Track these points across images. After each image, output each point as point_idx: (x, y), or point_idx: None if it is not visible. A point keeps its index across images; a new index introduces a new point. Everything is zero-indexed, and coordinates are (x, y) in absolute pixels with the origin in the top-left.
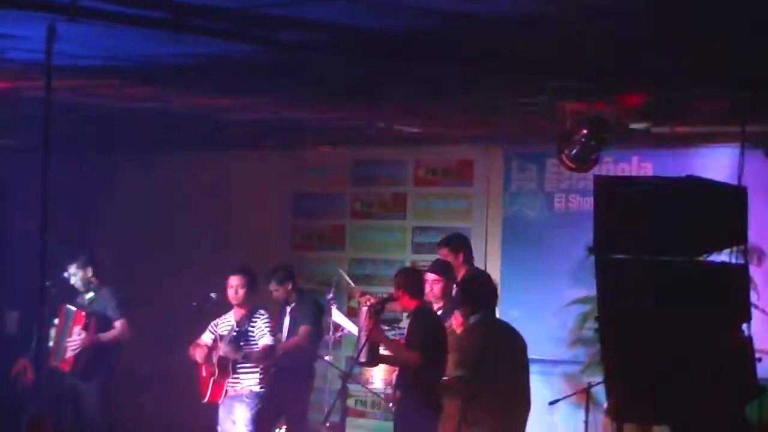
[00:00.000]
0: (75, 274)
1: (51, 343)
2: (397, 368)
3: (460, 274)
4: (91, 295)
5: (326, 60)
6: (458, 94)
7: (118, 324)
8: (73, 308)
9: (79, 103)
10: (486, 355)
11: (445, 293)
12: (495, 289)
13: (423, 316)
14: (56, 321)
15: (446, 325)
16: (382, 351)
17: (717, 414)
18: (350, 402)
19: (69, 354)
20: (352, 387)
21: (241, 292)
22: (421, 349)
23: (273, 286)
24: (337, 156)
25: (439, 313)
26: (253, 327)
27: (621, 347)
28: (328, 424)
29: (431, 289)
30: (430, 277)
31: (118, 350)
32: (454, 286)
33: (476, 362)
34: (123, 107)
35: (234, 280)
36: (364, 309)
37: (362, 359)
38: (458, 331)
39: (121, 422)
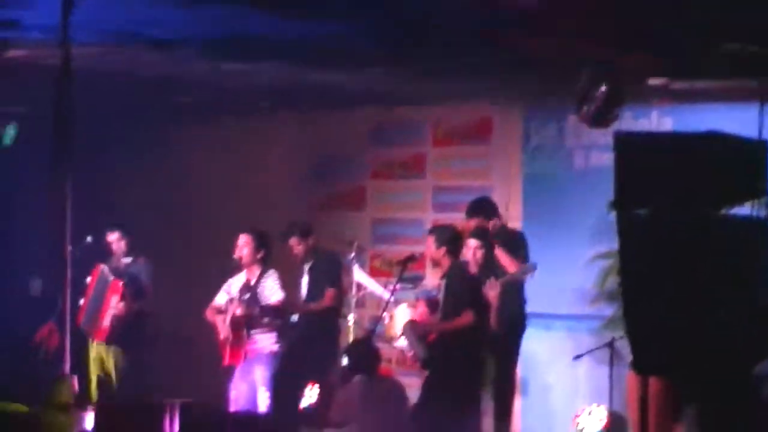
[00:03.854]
0: (111, 242)
1: (81, 302)
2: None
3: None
4: (127, 260)
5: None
6: (477, 51)
7: (150, 289)
8: (110, 275)
9: (97, 72)
10: None
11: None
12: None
13: (462, 274)
14: (88, 280)
15: None
16: None
17: (736, 369)
18: None
19: (105, 323)
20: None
21: (247, 250)
22: (470, 305)
23: (293, 241)
24: (356, 118)
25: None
26: (263, 287)
27: (643, 301)
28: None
29: (474, 255)
30: (473, 243)
31: (146, 319)
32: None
33: None
34: (142, 75)
35: (241, 239)
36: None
37: (424, 357)
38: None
39: (144, 385)
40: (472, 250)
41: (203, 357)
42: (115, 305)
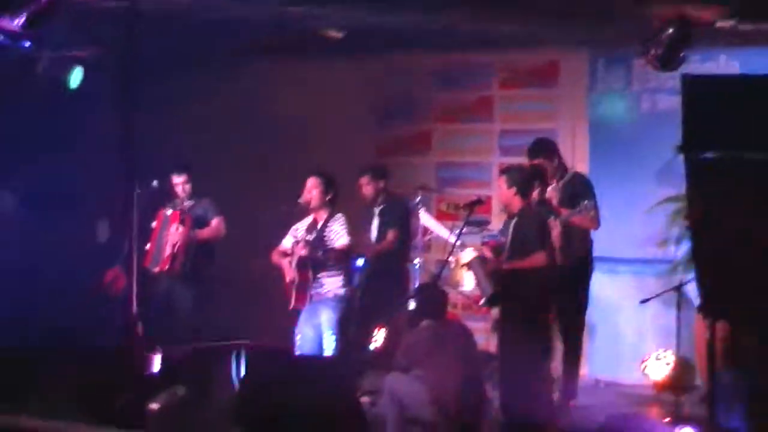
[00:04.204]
0: (176, 184)
1: (147, 246)
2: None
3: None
4: (190, 202)
5: None
6: None
7: (214, 221)
8: (170, 211)
9: (162, 13)
10: None
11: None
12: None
13: (533, 216)
14: (154, 224)
15: None
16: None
17: None
18: None
19: (167, 252)
20: None
21: (316, 192)
22: (541, 247)
23: (364, 180)
24: (422, 61)
25: None
26: (329, 230)
27: (711, 245)
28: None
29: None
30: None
31: (212, 254)
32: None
33: None
34: (207, 16)
35: (309, 182)
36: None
37: (488, 294)
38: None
39: (209, 326)
40: (549, 192)
41: (270, 300)
42: (175, 232)
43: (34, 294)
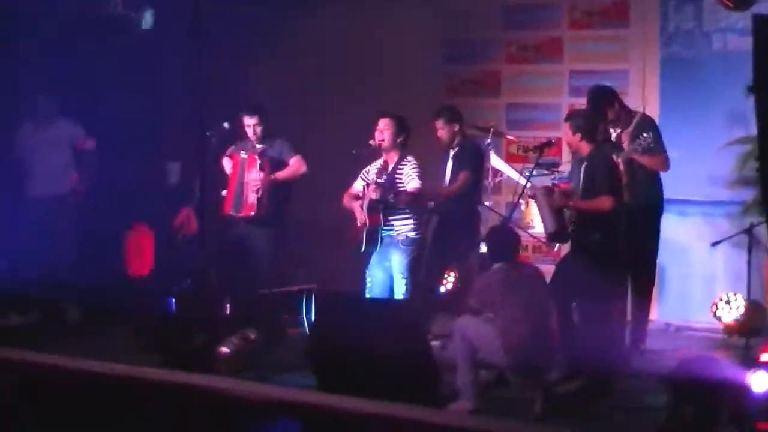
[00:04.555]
0: (248, 126)
1: (224, 192)
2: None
3: None
4: (262, 145)
5: None
6: None
7: (292, 160)
8: (245, 154)
9: None
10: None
11: None
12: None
13: (603, 159)
14: (229, 169)
15: None
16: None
17: None
18: None
19: (251, 199)
20: None
21: (387, 134)
22: (609, 191)
23: (439, 124)
24: (490, 0)
25: None
26: (400, 173)
27: None
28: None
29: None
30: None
31: (289, 196)
32: None
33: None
34: None
35: (381, 123)
36: (528, 186)
37: (551, 230)
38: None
39: (284, 270)
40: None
41: (342, 243)
42: (256, 177)
43: (102, 234)
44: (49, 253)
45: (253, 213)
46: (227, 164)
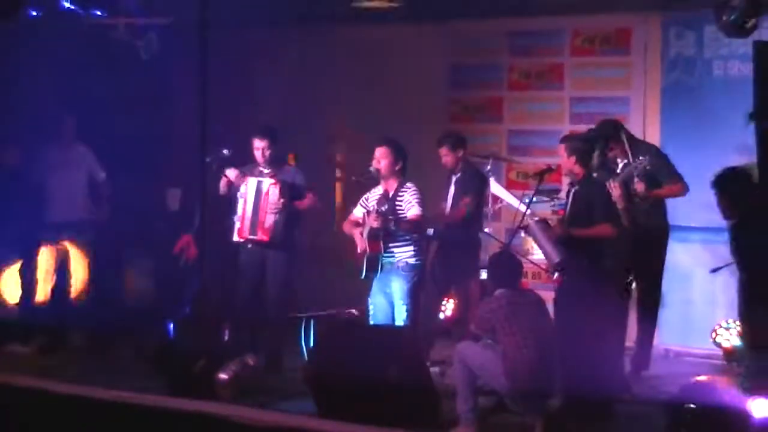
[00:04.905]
0: (257, 149)
1: (236, 218)
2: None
3: None
4: (269, 171)
5: None
6: None
7: (309, 195)
8: (261, 178)
9: None
10: None
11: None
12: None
13: (596, 185)
14: (240, 193)
15: None
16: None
17: None
18: None
19: (268, 222)
20: None
21: (384, 162)
22: (607, 218)
23: (444, 151)
24: (493, 27)
25: None
26: (401, 200)
27: None
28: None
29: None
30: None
31: (299, 222)
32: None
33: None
34: None
35: (378, 152)
36: (533, 220)
37: (556, 260)
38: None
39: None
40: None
41: (344, 269)
42: (274, 201)
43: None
44: (61, 280)
45: (269, 237)
46: (239, 189)
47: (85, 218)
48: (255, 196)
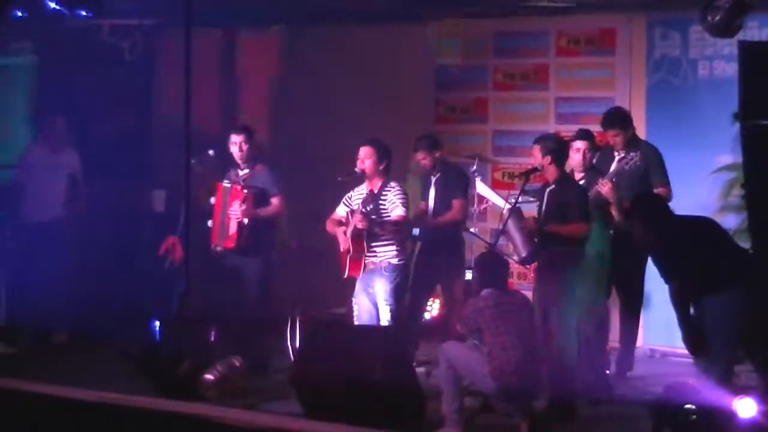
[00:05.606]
0: (234, 143)
1: (210, 223)
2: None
3: None
4: (246, 171)
5: None
6: None
7: (275, 200)
8: (229, 184)
9: None
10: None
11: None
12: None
13: (572, 184)
14: (213, 200)
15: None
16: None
17: None
18: None
19: (232, 230)
20: None
21: (369, 162)
22: (582, 217)
23: (421, 155)
24: (479, 28)
25: (581, 183)
26: (384, 200)
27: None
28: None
29: (583, 158)
30: (581, 145)
31: (274, 226)
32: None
33: None
34: None
35: (362, 152)
36: (506, 208)
37: (524, 254)
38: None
39: (271, 296)
40: (581, 152)
41: (329, 269)
42: (237, 209)
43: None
44: (40, 278)
45: (234, 245)
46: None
47: (62, 217)
48: (223, 203)
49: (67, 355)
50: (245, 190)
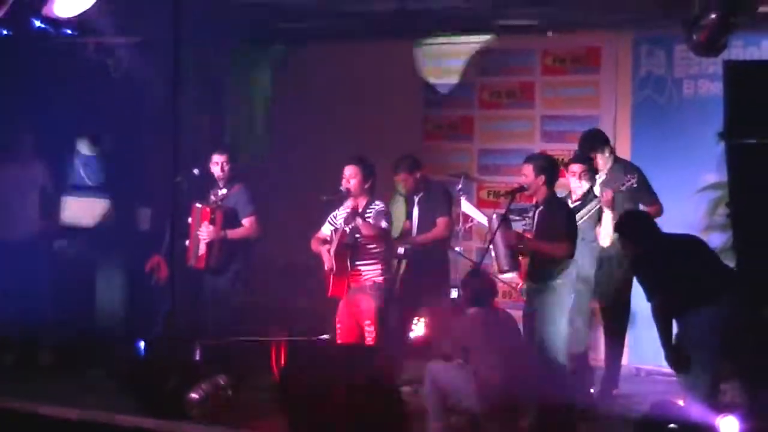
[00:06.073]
0: (215, 163)
1: (187, 243)
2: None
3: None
4: (223, 191)
5: None
6: None
7: (246, 221)
8: (200, 205)
9: None
10: None
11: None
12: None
13: (560, 204)
14: (189, 220)
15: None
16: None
17: None
18: None
19: (201, 251)
20: None
21: (354, 182)
22: (567, 237)
23: (402, 176)
24: (465, 46)
25: (576, 205)
26: (368, 217)
27: (753, 233)
28: None
29: (579, 179)
30: (578, 168)
31: (248, 246)
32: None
33: None
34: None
35: (348, 171)
36: (494, 217)
37: (505, 267)
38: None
39: (254, 316)
40: (577, 174)
41: (314, 288)
42: (205, 230)
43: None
44: (22, 295)
45: (203, 265)
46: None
47: (40, 234)
48: (195, 224)
49: (53, 372)
50: (215, 212)
